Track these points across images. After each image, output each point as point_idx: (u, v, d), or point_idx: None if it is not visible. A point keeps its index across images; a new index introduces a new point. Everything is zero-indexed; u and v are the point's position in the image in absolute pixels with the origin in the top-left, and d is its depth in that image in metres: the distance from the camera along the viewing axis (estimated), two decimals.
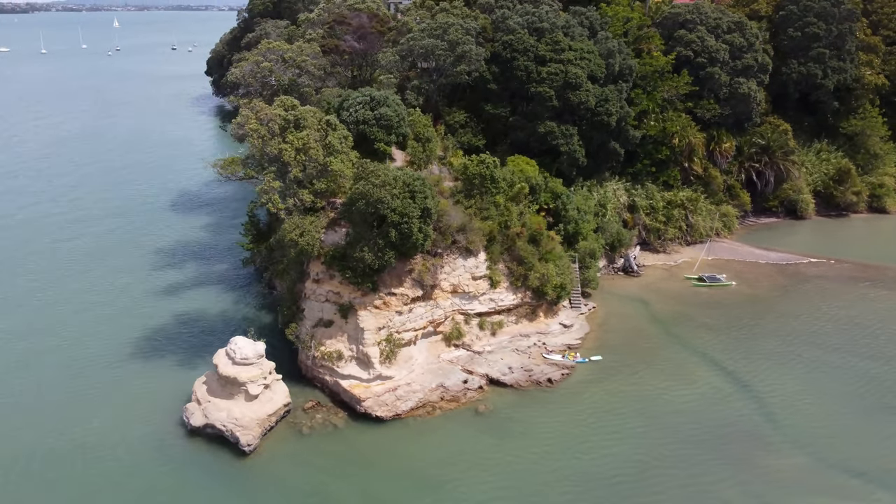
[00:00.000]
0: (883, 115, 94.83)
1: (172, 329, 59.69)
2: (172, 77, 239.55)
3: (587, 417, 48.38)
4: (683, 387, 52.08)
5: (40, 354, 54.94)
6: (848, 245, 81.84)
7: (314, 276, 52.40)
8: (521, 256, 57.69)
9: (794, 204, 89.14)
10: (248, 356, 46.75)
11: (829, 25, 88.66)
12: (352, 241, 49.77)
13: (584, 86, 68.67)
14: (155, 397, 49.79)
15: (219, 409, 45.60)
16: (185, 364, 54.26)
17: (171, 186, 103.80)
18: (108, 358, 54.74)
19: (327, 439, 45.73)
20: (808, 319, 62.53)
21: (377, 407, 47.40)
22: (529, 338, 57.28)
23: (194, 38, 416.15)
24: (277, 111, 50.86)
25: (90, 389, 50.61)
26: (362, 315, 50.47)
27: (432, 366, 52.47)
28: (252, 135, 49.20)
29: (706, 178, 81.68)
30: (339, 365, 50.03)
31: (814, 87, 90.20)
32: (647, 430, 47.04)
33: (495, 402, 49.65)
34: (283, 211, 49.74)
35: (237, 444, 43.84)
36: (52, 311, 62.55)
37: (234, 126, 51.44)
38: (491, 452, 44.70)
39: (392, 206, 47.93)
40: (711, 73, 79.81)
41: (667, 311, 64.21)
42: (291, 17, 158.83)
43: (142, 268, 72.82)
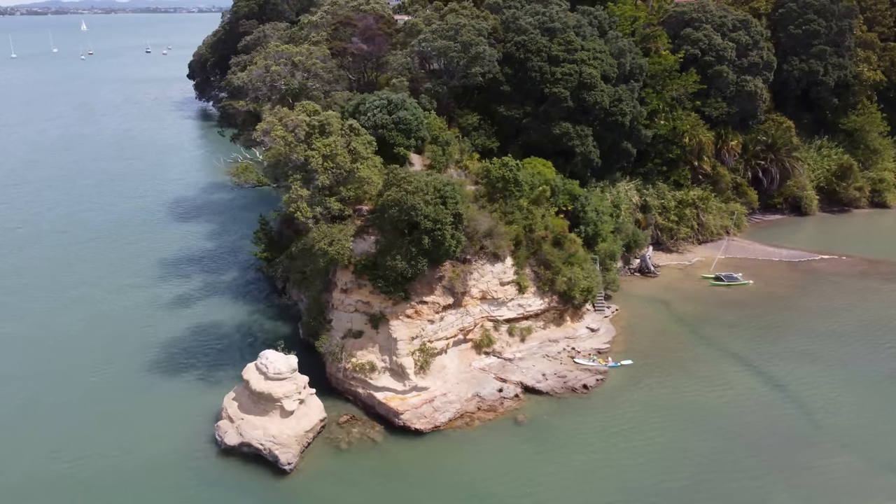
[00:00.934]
0: (881, 110, 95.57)
1: (189, 343, 57.79)
2: (151, 80, 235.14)
3: (627, 424, 47.64)
4: (718, 389, 51.60)
5: (57, 378, 52.57)
6: (854, 241, 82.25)
7: (342, 286, 51.00)
8: (548, 260, 56.85)
9: (799, 200, 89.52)
10: (281, 370, 45.22)
11: (828, 22, 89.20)
12: (383, 249, 48.48)
13: (598, 86, 68.02)
14: (181, 415, 48.03)
15: (254, 426, 44.02)
16: (207, 379, 52.53)
17: (165, 193, 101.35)
18: (127, 378, 52.67)
19: (367, 455, 44.39)
20: (829, 317, 62.52)
21: (415, 420, 46.17)
22: (558, 343, 56.42)
23: (167, 41, 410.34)
24: (301, 117, 49.33)
25: (112, 411, 48.57)
26: (394, 325, 49.21)
27: (465, 375, 51.36)
28: (279, 141, 47.58)
29: (714, 176, 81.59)
30: (372, 377, 48.70)
31: (815, 83, 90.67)
32: (688, 434, 46.46)
33: (533, 411, 48.69)
34: (310, 219, 48.16)
35: (276, 463, 42.32)
36: (61, 330, 59.98)
37: (258, 132, 49.67)
38: (535, 463, 43.78)
39: (425, 212, 46.76)
40: (719, 71, 79.72)
41: (689, 311, 63.80)
42: (277, 19, 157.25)
43: (147, 280, 70.63)
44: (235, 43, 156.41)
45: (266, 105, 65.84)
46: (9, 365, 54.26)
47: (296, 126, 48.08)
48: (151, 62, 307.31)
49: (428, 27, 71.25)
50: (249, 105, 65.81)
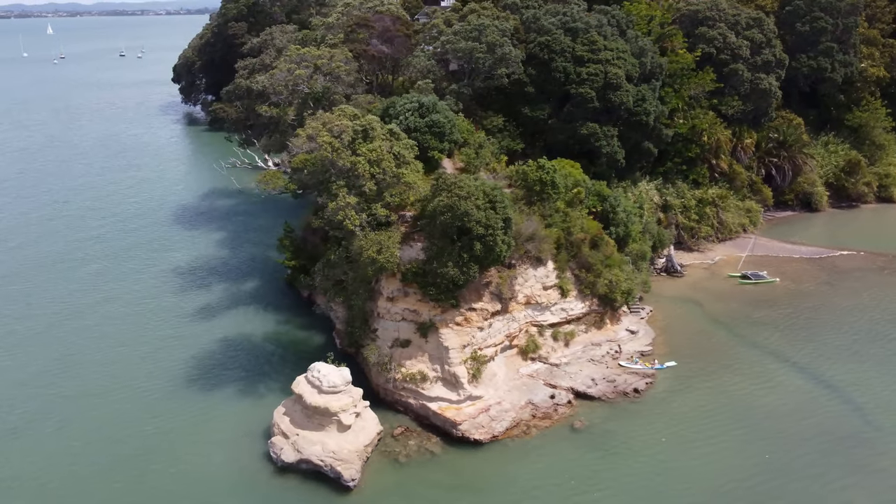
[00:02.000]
0: (885, 106, 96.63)
1: (223, 357, 56.05)
2: (131, 84, 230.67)
3: (683, 427, 47.14)
4: (767, 389, 51.37)
5: (95, 399, 50.42)
6: (867, 236, 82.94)
7: (388, 294, 49.78)
8: (590, 263, 56.24)
9: (809, 197, 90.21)
10: (336, 383, 43.90)
11: (834, 20, 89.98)
12: (433, 255, 47.36)
13: (623, 86, 67.62)
14: (228, 432, 46.47)
15: (311, 442, 42.65)
16: (248, 394, 50.94)
17: (168, 200, 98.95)
18: (165, 395, 50.87)
19: (428, 468, 43.26)
20: (862, 313, 62.79)
21: (474, 430, 45.15)
22: (601, 346, 55.82)
23: (141, 44, 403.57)
24: (344, 121, 48.01)
25: (156, 429, 46.79)
26: (444, 333, 48.15)
27: (514, 382, 50.49)
28: (325, 147, 46.18)
29: (731, 174, 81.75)
30: (423, 387, 47.59)
31: (822, 80, 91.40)
32: (745, 436, 46.10)
33: (588, 417, 47.93)
34: (357, 227, 46.86)
35: (339, 480, 41.02)
36: (92, 349, 57.64)
37: (302, 138, 48.19)
38: (599, 471, 43.05)
39: (476, 217, 45.78)
40: (735, 69, 79.90)
41: (722, 310, 63.65)
42: (266, 22, 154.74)
43: (168, 290, 68.62)
44: (225, 46, 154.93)
45: (289, 109, 64.34)
46: (44, 387, 51.94)
47: (342, 131, 46.73)
48: (127, 66, 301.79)
49: (449, 28, 70.27)
50: (272, 110, 63.99)
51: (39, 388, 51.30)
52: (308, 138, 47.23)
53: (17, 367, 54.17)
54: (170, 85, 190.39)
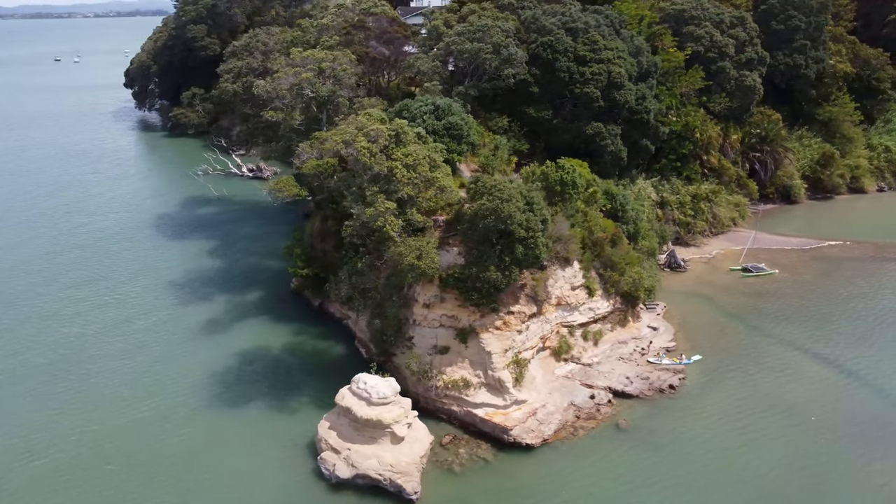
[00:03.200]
0: (852, 100, 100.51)
1: (242, 371, 54.06)
2: (75, 89, 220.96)
3: (723, 420, 47.88)
4: (792, 379, 52.68)
5: (121, 421, 47.88)
6: (847, 225, 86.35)
7: (425, 301, 48.91)
8: (614, 262, 56.50)
9: (789, 189, 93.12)
10: (386, 394, 42.81)
11: (807, 18, 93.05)
12: (474, 260, 46.71)
13: (626, 85, 68.31)
14: (269, 450, 44.78)
15: (365, 456, 41.49)
16: (280, 409, 49.27)
17: (147, 211, 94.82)
18: (190, 415, 48.59)
19: (483, 475, 42.64)
20: (866, 301, 65.18)
21: (525, 434, 44.75)
22: (627, 344, 56.19)
23: (75, 48, 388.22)
24: (375, 125, 46.90)
25: (190, 452, 44.72)
26: (485, 338, 47.60)
27: (552, 384, 50.31)
28: (363, 152, 44.97)
29: (720, 170, 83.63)
30: (467, 393, 46.93)
31: (797, 76, 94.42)
32: (787, 427, 47.09)
33: (630, 416, 48.13)
34: (396, 233, 45.86)
35: (400, 493, 40.01)
36: (95, 372, 54.60)
37: (339, 143, 46.74)
38: (653, 469, 43.21)
39: (519, 220, 45.41)
40: (722, 67, 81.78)
41: (733, 303, 65.02)
42: (226, 25, 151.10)
43: (168, 305, 65.80)
44: (184, 49, 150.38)
45: (295, 114, 62.59)
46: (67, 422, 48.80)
47: (378, 136, 45.62)
48: (65, 71, 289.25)
49: (449, 29, 69.66)
50: (278, 114, 62.08)
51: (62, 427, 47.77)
52: (344, 143, 45.79)
53: (34, 408, 50.02)
54: (118, 89, 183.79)
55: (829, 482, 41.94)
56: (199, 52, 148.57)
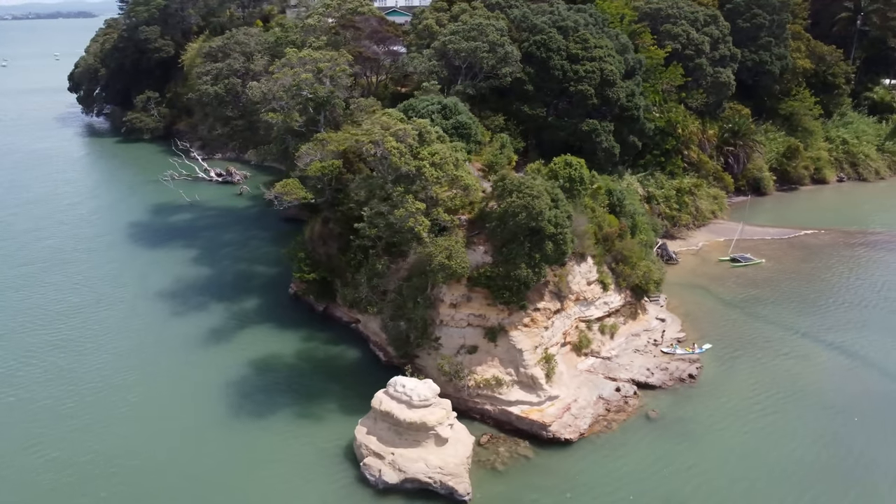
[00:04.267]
0: (812, 95, 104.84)
1: (259, 381, 52.56)
2: (9, 93, 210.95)
3: (746, 405, 49.20)
4: (801, 363, 54.58)
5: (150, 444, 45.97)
6: (817, 214, 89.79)
7: (452, 301, 48.65)
8: (625, 256, 57.41)
9: (759, 182, 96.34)
10: (427, 396, 42.43)
11: (770, 16, 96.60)
12: (504, 258, 46.71)
13: (618, 82, 69.52)
14: (304, 459, 43.84)
15: (411, 460, 41.00)
16: (306, 416, 48.21)
17: (119, 219, 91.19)
18: (215, 428, 47.01)
19: (528, 472, 42.68)
20: (849, 285, 68.20)
21: (563, 430, 45.03)
22: (640, 337, 57.19)
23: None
24: (401, 125, 46.37)
25: (221, 469, 43.25)
26: (515, 336, 47.71)
27: (577, 378, 50.72)
28: (393, 153, 44.36)
29: (698, 164, 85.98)
30: (500, 392, 46.90)
31: (763, 73, 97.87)
32: (802, 407, 48.83)
33: (657, 406, 49.00)
34: (426, 234, 45.45)
35: (452, 496, 39.70)
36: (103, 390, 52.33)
37: (368, 144, 45.88)
38: (687, 455, 44.11)
39: (548, 217, 45.69)
40: (699, 64, 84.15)
41: (728, 293, 66.95)
42: (179, 26, 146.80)
43: (165, 315, 63.52)
44: (136, 51, 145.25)
45: (295, 115, 61.28)
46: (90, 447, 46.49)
47: (406, 135, 45.11)
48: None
49: (442, 28, 69.48)
50: (278, 116, 60.63)
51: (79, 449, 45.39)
52: (374, 144, 45.00)
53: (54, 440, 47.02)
54: (59, 94, 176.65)
55: (856, 459, 43.62)
56: (153, 55, 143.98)
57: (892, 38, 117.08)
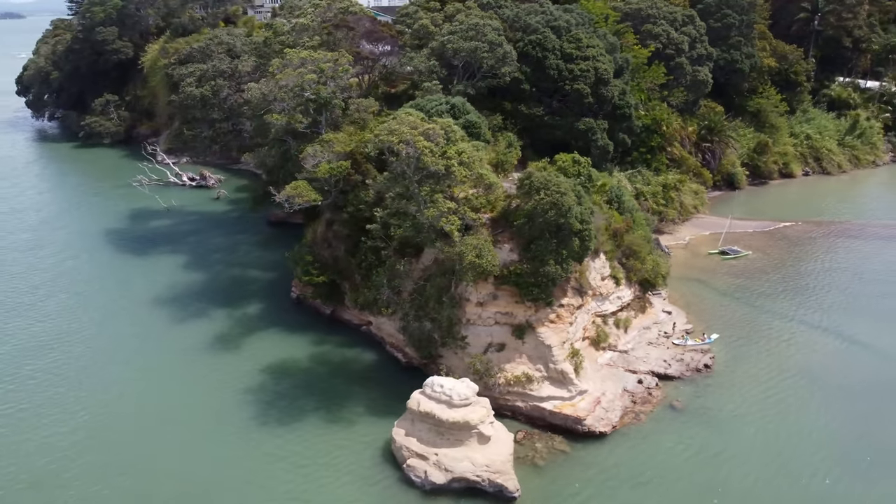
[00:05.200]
0: (778, 93, 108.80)
1: (279, 387, 51.46)
2: None
3: (763, 390, 50.87)
4: (806, 349, 56.77)
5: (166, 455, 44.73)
6: (789, 207, 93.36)
7: (478, 300, 48.74)
8: (634, 250, 58.50)
9: (732, 177, 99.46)
10: (467, 395, 42.46)
11: (740, 16, 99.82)
12: (532, 255, 47.05)
13: (612, 80, 70.78)
14: (341, 463, 43.32)
15: (456, 459, 40.96)
16: (335, 421, 47.56)
17: (95, 226, 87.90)
18: (241, 439, 45.93)
19: (569, 467, 43.14)
20: (834, 274, 71.14)
21: (597, 423, 45.68)
22: (651, 330, 58.38)
23: None
24: (424, 124, 46.24)
25: (257, 478, 42.39)
26: (543, 332, 48.13)
27: (599, 372, 51.46)
28: (425, 152, 44.17)
29: (680, 160, 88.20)
30: (531, 388, 47.26)
31: (733, 71, 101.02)
32: (817, 392, 50.74)
33: (678, 396, 50.20)
34: (455, 233, 45.44)
35: (501, 493, 39.86)
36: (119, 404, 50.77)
37: (398, 143, 45.27)
38: (715, 442, 45.24)
39: (576, 213, 46.30)
40: (679, 63, 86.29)
41: (723, 284, 69.00)
42: (137, 27, 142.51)
43: (167, 323, 61.72)
44: (93, 53, 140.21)
45: (299, 117, 60.31)
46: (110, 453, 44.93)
47: (436, 135, 44.99)
48: None
49: (437, 28, 69.47)
50: (283, 118, 59.54)
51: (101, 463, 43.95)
52: (405, 143, 44.61)
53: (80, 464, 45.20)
54: (4, 97, 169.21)
55: (874, 436, 45.60)
56: (110, 56, 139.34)
57: (846, 38, 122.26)
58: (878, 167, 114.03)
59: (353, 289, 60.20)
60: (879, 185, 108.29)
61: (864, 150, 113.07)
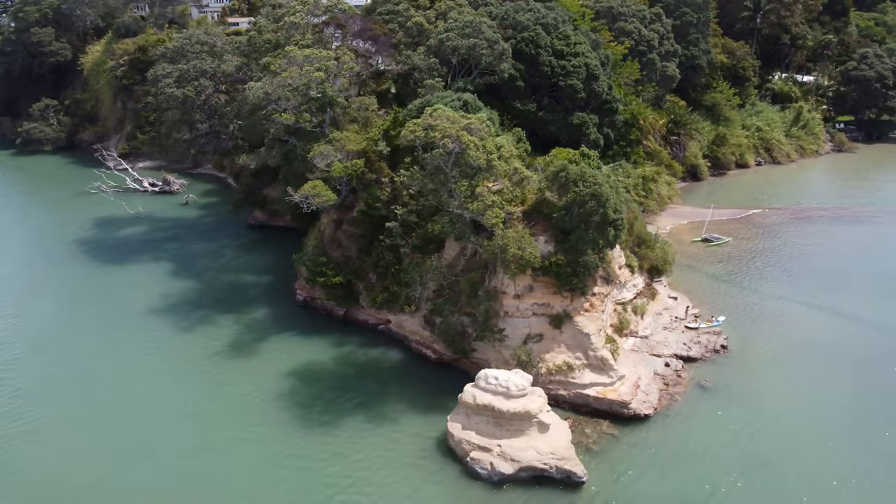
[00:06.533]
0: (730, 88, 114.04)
1: (311, 391, 50.64)
2: None
3: (780, 366, 54.10)
4: (806, 326, 60.20)
5: (219, 465, 43.32)
6: (751, 195, 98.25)
7: (516, 292, 49.29)
8: (644, 239, 60.38)
9: (696, 168, 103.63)
10: (523, 386, 42.98)
11: (697, 14, 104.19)
12: (572, 245, 47.96)
13: (601, 76, 72.73)
14: (399, 461, 43.12)
15: (520, 449, 41.44)
16: (379, 419, 47.37)
17: (64, 238, 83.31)
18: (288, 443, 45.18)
19: (622, 449, 44.32)
20: (812, 256, 75.38)
21: (641, 406, 47.09)
22: (662, 315, 60.37)
23: None
24: (462, 119, 46.43)
25: (317, 482, 41.71)
26: (580, 321, 49.20)
27: (629, 357, 52.85)
28: (471, 147, 44.29)
29: (653, 153, 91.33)
30: (573, 376, 48.21)
31: (692, 67, 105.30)
32: (833, 365, 53.84)
33: (702, 376, 52.24)
34: (500, 225, 45.87)
35: (570, 479, 40.59)
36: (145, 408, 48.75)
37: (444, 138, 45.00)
38: (756, 419, 47.32)
39: (612, 203, 47.58)
40: (651, 59, 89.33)
41: (713, 269, 72.13)
42: (75, 28, 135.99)
43: (173, 334, 59.59)
44: (27, 55, 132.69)
45: (306, 116, 59.29)
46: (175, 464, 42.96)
47: (479, 129, 45.24)
48: None
49: (431, 26, 69.63)
50: (291, 118, 58.37)
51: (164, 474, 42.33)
52: (450, 139, 44.52)
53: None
54: None
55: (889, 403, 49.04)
56: (47, 59, 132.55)
57: (785, 35, 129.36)
58: (821, 156, 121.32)
59: (368, 288, 59.75)
60: (825, 173, 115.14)
61: (809, 141, 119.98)
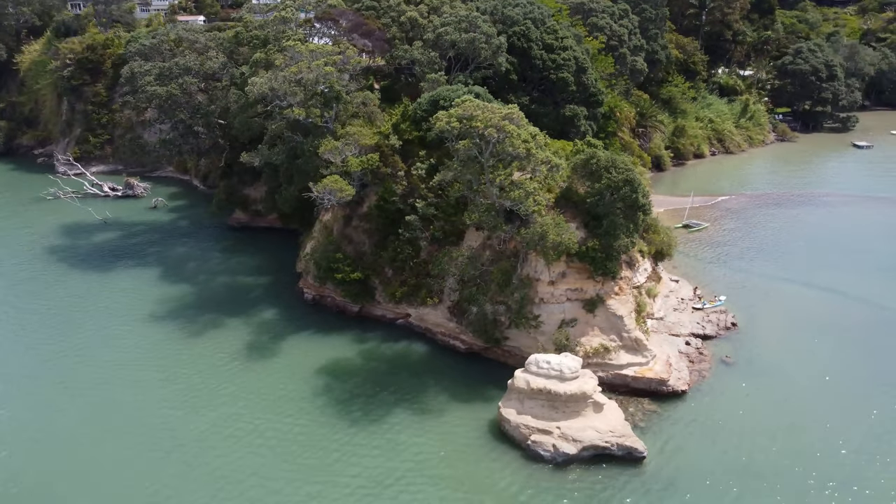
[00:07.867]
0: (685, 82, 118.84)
1: (351, 388, 50.19)
2: None
3: (791, 341, 57.09)
4: (803, 301, 63.61)
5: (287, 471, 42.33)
6: (715, 183, 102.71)
7: (550, 279, 50.21)
8: (651, 224, 62.33)
9: (660, 159, 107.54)
10: (576, 368, 43.96)
11: (655, 10, 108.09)
12: (605, 231, 49.23)
13: (590, 69, 74.65)
14: (455, 450, 43.33)
15: (579, 429, 42.40)
16: (424, 412, 47.52)
17: (37, 247, 78.83)
18: (342, 441, 44.83)
19: (667, 424, 45.95)
20: (790, 238, 79.53)
21: (678, 383, 48.91)
22: (669, 297, 62.64)
23: None
24: (501, 109, 46.99)
25: (383, 477, 41.46)
26: (612, 304, 50.63)
27: (652, 338, 54.60)
28: (512, 135, 44.82)
29: (626, 144, 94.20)
30: (609, 358, 49.52)
31: (652, 61, 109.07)
32: (836, 338, 57.08)
33: (720, 353, 54.62)
34: (539, 213, 46.67)
35: (631, 454, 41.90)
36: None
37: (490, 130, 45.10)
38: (780, 391, 50.00)
39: (643, 189, 49.17)
40: (623, 53, 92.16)
41: (703, 253, 75.36)
42: (11, 28, 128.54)
43: (185, 339, 57.59)
44: None
45: (316, 111, 58.43)
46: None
47: (518, 119, 45.85)
48: None
49: (425, 20, 69.80)
50: (300, 112, 57.34)
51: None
52: (497, 130, 44.79)
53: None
54: None
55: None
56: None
57: (727, 31, 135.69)
58: (767, 145, 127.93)
59: (384, 283, 59.45)
60: (774, 161, 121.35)
61: (756, 131, 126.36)
